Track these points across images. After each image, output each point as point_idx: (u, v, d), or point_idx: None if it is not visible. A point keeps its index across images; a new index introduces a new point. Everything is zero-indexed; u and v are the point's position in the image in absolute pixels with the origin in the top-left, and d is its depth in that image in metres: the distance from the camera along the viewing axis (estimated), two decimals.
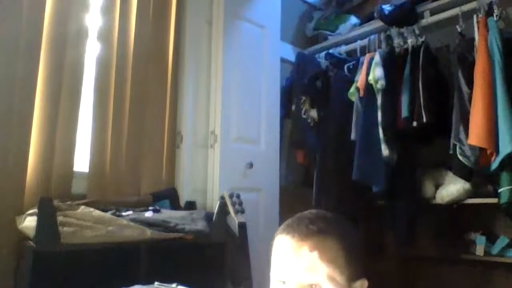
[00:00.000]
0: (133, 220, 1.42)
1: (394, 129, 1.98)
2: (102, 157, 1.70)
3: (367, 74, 2.09)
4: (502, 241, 1.92)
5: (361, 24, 2.48)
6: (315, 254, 0.69)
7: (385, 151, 1.97)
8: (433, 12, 2.10)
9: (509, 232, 1.96)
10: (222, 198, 1.76)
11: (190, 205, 1.82)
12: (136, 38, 1.85)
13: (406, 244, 2.04)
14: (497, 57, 1.68)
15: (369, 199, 2.09)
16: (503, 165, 1.61)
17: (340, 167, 2.15)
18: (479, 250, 1.95)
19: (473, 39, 1.84)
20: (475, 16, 1.86)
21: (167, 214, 1.56)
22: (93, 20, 1.75)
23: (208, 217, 1.65)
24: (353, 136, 2.11)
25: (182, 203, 1.86)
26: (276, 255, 0.75)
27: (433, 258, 2.11)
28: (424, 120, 1.85)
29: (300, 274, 0.69)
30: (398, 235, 2.05)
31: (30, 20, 1.54)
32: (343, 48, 2.47)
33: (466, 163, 1.71)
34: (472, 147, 1.68)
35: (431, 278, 2.17)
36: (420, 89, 1.91)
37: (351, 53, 2.46)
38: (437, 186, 2.02)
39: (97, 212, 1.37)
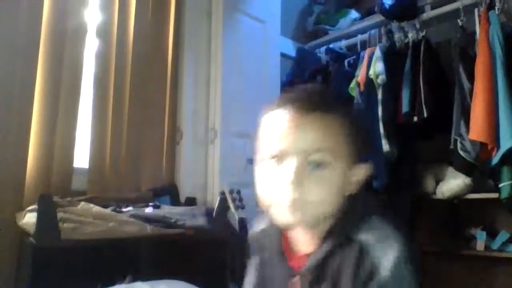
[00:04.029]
0: (133, 216, 1.42)
1: (395, 124, 1.98)
2: (102, 153, 1.70)
3: (368, 68, 2.08)
4: (502, 236, 1.92)
5: (362, 18, 2.47)
6: (319, 128, 0.63)
7: (385, 146, 1.97)
8: (434, 6, 2.09)
9: (510, 227, 1.95)
10: (222, 193, 1.75)
11: (190, 201, 1.82)
12: (135, 33, 1.84)
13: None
14: (498, 51, 1.66)
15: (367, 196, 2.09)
16: (504, 160, 1.60)
17: None
18: (480, 245, 1.95)
19: (474, 33, 1.83)
20: (476, 10, 1.84)
21: (167, 210, 1.56)
22: (92, 16, 1.74)
23: (208, 213, 1.65)
24: None
25: (182, 199, 1.86)
26: (270, 131, 0.66)
27: (433, 253, 2.11)
28: (425, 115, 1.85)
29: (303, 150, 0.62)
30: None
31: (29, 17, 1.53)
32: (344, 43, 2.46)
33: (467, 158, 1.70)
34: (472, 142, 1.67)
35: (431, 273, 2.17)
36: (421, 83, 1.90)
37: (351, 48, 2.45)
38: (438, 181, 2.02)
39: (97, 208, 1.37)
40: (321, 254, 0.64)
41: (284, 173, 0.62)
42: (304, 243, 0.68)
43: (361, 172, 0.67)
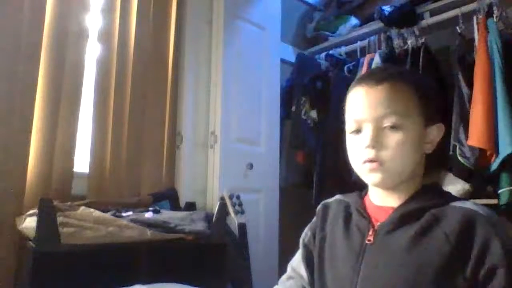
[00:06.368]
0: (133, 220, 1.42)
1: None
2: (102, 158, 1.70)
3: None
4: None
5: (361, 25, 2.49)
6: (389, 96, 0.71)
7: None
8: (433, 13, 2.10)
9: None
10: (222, 198, 1.76)
11: (190, 206, 1.82)
12: (136, 38, 1.85)
13: None
14: (497, 58, 1.68)
15: None
16: (503, 166, 1.61)
17: (340, 168, 2.14)
18: None
19: (473, 40, 1.84)
20: (475, 17, 1.86)
21: (167, 215, 1.56)
22: (93, 20, 1.75)
23: (208, 217, 1.65)
24: None
25: (182, 203, 1.86)
26: (350, 105, 0.76)
27: None
28: None
29: (376, 116, 0.71)
30: None
31: (30, 21, 1.54)
32: (343, 49, 2.48)
33: (466, 164, 1.70)
34: (471, 148, 1.68)
35: None
36: None
37: (351, 54, 2.46)
38: None
39: (97, 213, 1.37)
40: (409, 208, 0.71)
41: (362, 139, 0.72)
42: (392, 198, 0.74)
43: (435, 131, 0.74)
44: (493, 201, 1.72)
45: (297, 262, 0.87)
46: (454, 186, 1.91)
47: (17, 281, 1.37)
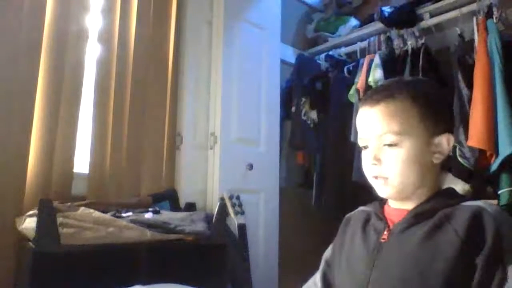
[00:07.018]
0: (133, 221, 1.42)
1: None
2: (102, 158, 1.70)
3: (367, 75, 2.09)
4: None
5: (361, 25, 2.49)
6: (384, 116, 0.75)
7: None
8: (433, 14, 2.10)
9: None
10: (222, 199, 1.76)
11: (190, 207, 1.82)
12: (136, 39, 1.85)
13: None
14: (496, 59, 1.68)
15: (369, 199, 2.09)
16: (503, 166, 1.61)
17: (340, 168, 2.15)
18: None
19: (472, 41, 1.84)
20: (474, 18, 1.86)
21: (167, 216, 1.56)
22: (93, 21, 1.75)
23: (208, 218, 1.65)
24: (352, 137, 2.11)
25: (182, 204, 1.86)
26: (357, 123, 0.82)
27: None
28: None
29: (375, 135, 0.76)
30: None
31: (30, 21, 1.54)
32: (343, 50, 2.48)
33: (466, 164, 1.71)
34: (471, 149, 1.68)
35: None
36: None
37: (351, 55, 2.47)
38: None
39: (97, 213, 1.37)
40: (422, 208, 0.75)
41: (367, 156, 0.78)
42: (407, 203, 0.78)
43: (444, 141, 0.76)
44: (493, 202, 1.72)
45: (317, 274, 0.93)
46: (455, 186, 1.90)
47: (17, 282, 1.37)
